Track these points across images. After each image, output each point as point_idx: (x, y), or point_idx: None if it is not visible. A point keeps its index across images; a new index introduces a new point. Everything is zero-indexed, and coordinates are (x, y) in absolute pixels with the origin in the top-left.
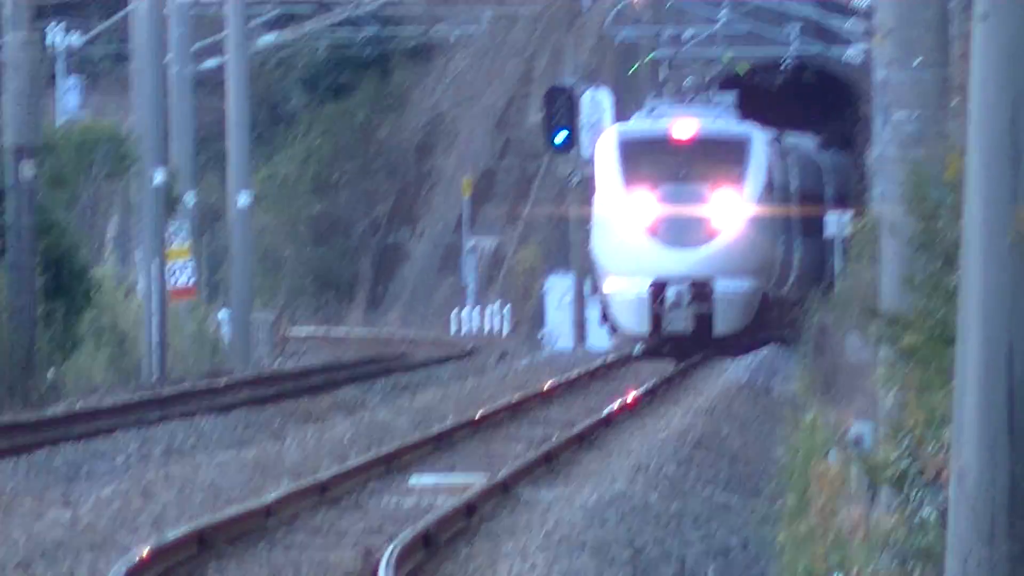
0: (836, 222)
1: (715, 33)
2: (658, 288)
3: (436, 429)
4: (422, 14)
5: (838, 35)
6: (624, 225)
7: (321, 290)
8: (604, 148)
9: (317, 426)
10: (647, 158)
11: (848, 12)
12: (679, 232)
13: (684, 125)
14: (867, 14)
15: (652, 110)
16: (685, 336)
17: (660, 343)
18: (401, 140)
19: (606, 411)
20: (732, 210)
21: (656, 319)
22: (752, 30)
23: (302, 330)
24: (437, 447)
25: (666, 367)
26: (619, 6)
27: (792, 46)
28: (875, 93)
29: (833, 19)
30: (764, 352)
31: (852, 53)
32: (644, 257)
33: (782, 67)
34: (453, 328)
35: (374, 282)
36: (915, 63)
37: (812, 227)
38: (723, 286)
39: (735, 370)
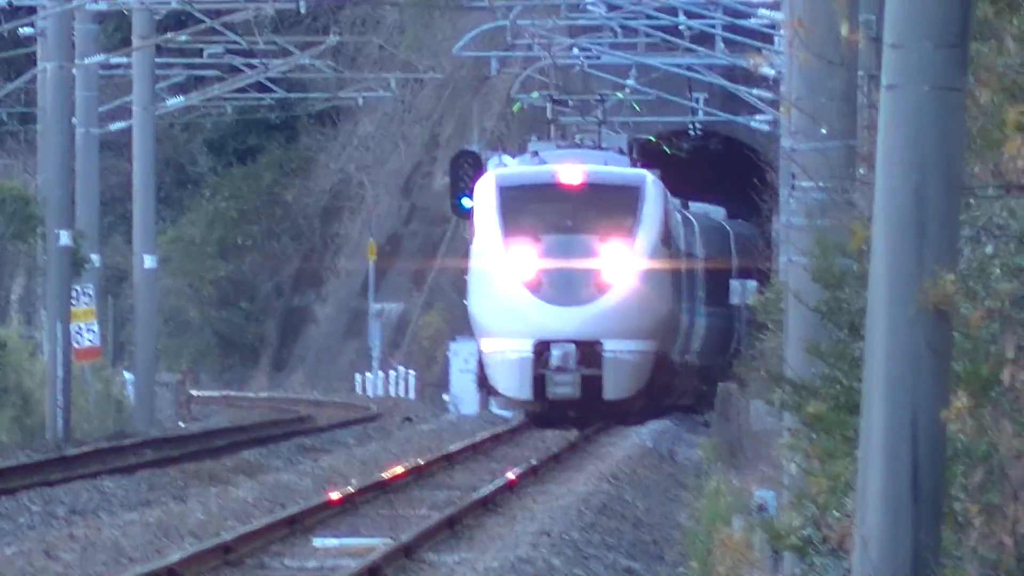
0: (740, 289)
1: (623, 101)
2: (541, 349)
3: (340, 492)
4: (329, 78)
5: (745, 103)
6: (503, 280)
7: (226, 352)
8: (481, 195)
9: (221, 488)
10: (528, 206)
11: (756, 81)
12: (564, 288)
13: (569, 170)
14: (774, 83)
15: (534, 153)
16: (572, 401)
17: (545, 410)
18: (307, 204)
19: (510, 475)
20: (623, 264)
21: (539, 383)
22: (660, 96)
23: (207, 392)
24: (341, 510)
25: (570, 432)
26: (525, 73)
27: (699, 113)
28: (782, 162)
29: (740, 88)
30: (667, 419)
31: (759, 122)
32: (525, 315)
33: (689, 133)
34: (358, 392)
35: (279, 345)
36: (822, 133)
37: (718, 294)
38: (613, 347)
39: (639, 436)
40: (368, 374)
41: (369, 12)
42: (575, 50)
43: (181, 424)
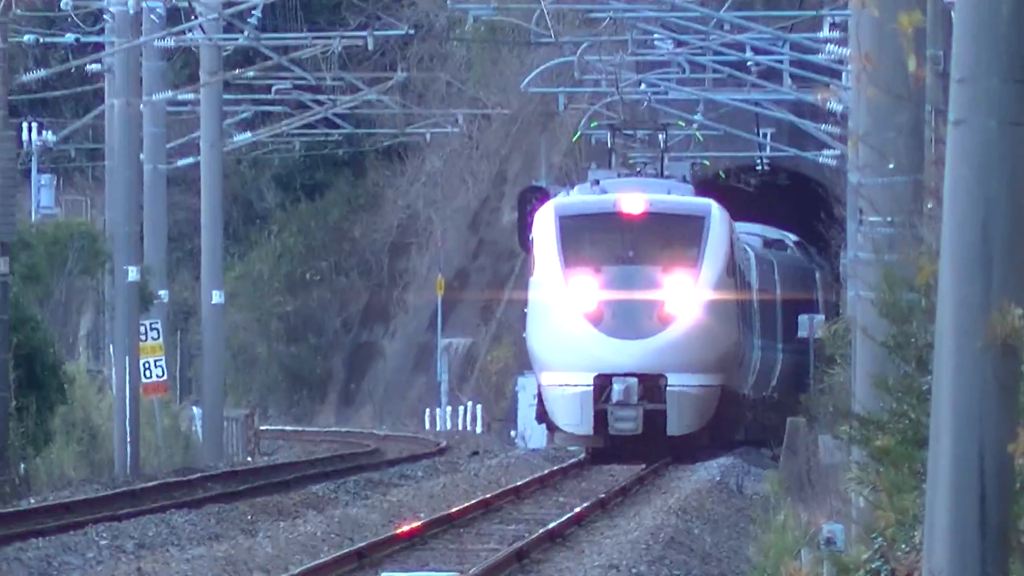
0: (809, 323)
1: (690, 136)
2: (602, 383)
3: (408, 525)
4: (397, 114)
5: (812, 138)
6: (563, 312)
7: (294, 387)
8: (541, 225)
9: (289, 522)
10: (589, 236)
11: (823, 116)
12: (626, 320)
13: (631, 199)
14: (842, 118)
15: (595, 183)
16: (634, 437)
17: (607, 445)
18: (375, 239)
19: (578, 508)
20: (686, 296)
21: (600, 418)
22: (727, 131)
23: (274, 427)
24: (409, 543)
25: (638, 466)
26: (593, 108)
27: (766, 148)
28: (849, 196)
29: (807, 123)
30: (732, 454)
31: (826, 156)
32: (586, 348)
33: (756, 168)
34: (426, 426)
35: (347, 380)
36: (889, 168)
37: (788, 327)
38: (677, 381)
39: (707, 469)
40: (436, 409)
41: (437, 48)
42: (642, 85)
43: (249, 458)
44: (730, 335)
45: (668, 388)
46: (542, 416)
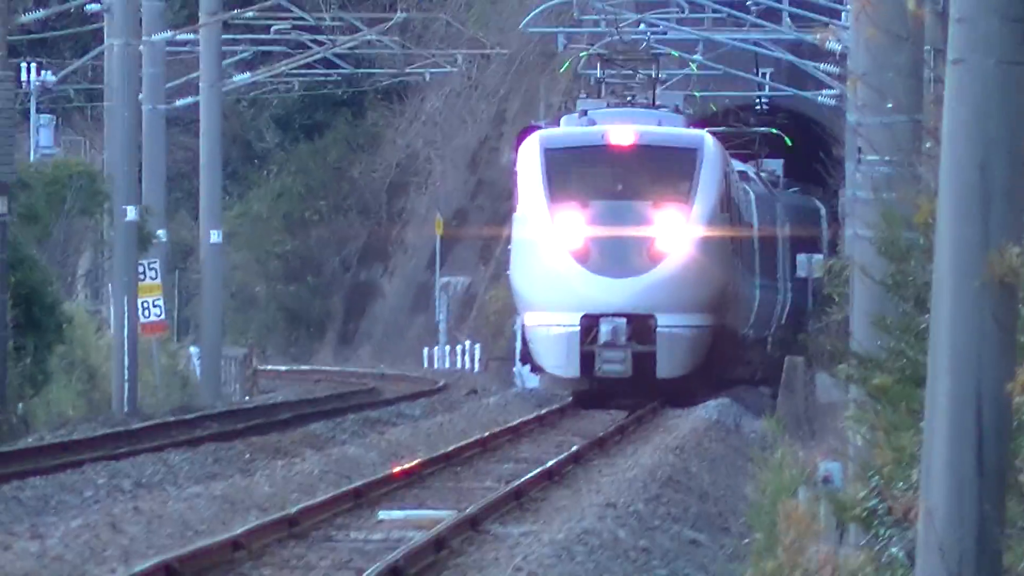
0: (808, 263)
1: (690, 76)
2: (589, 323)
3: (406, 464)
4: (396, 55)
5: (812, 78)
6: (548, 249)
7: (292, 327)
8: (526, 158)
9: (286, 461)
10: (576, 170)
11: (822, 56)
12: (614, 258)
13: (620, 131)
14: (841, 57)
15: (583, 113)
16: (623, 380)
17: (593, 388)
18: (374, 179)
19: (575, 447)
20: (678, 232)
21: (587, 360)
22: (727, 71)
23: (273, 366)
24: (407, 482)
25: (639, 403)
26: (592, 49)
27: (766, 88)
28: (848, 136)
29: (807, 63)
30: (727, 396)
31: (825, 96)
32: (572, 287)
33: (756, 108)
34: (425, 366)
35: (345, 320)
36: (888, 107)
37: (787, 266)
38: (667, 322)
39: (704, 408)
40: (435, 348)
41: None
42: (642, 25)
43: (247, 398)
44: (724, 274)
45: (658, 329)
46: (526, 357)
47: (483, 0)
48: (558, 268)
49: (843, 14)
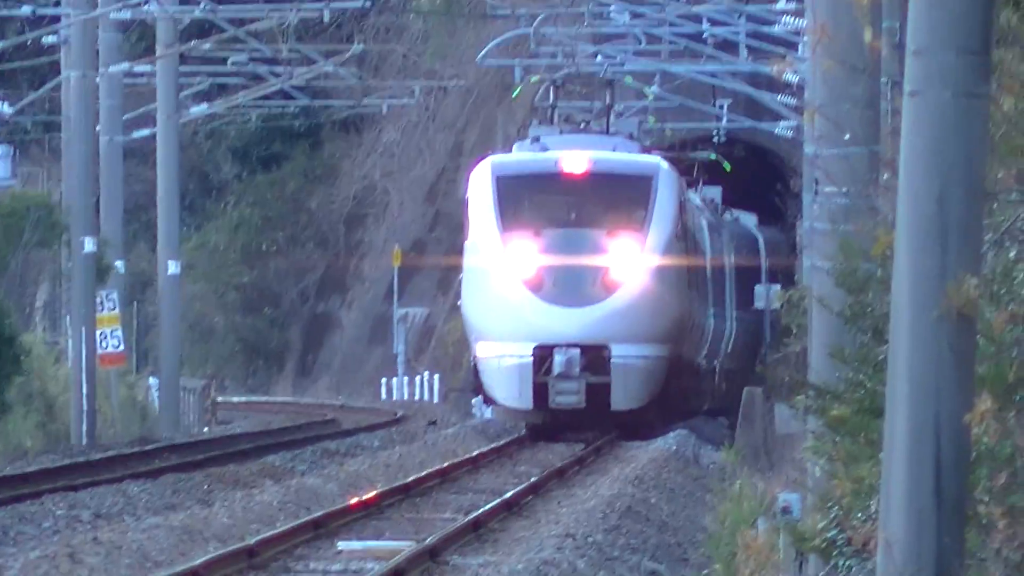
0: (765, 293)
1: (646, 107)
2: (543, 354)
3: (364, 495)
4: (353, 86)
5: (769, 110)
6: (500, 278)
7: (251, 358)
8: (477, 185)
9: (245, 492)
10: (529, 197)
11: (779, 88)
12: (567, 288)
13: (574, 157)
14: (798, 89)
15: (536, 139)
16: (576, 411)
17: (547, 421)
18: (331, 210)
19: (535, 478)
20: (632, 261)
21: (540, 391)
22: (683, 103)
23: (232, 398)
24: (366, 513)
25: (595, 436)
26: (549, 80)
27: (723, 120)
28: (805, 167)
29: (764, 94)
30: (684, 428)
31: (783, 128)
32: (525, 317)
33: (713, 140)
34: (384, 397)
35: (304, 351)
36: (845, 139)
37: (744, 298)
38: (622, 352)
39: (664, 440)
40: (393, 379)
41: (393, 20)
42: (599, 57)
43: (206, 429)
44: (680, 303)
45: (612, 359)
46: (478, 389)
47: (440, 32)
48: (510, 297)
49: (800, 46)
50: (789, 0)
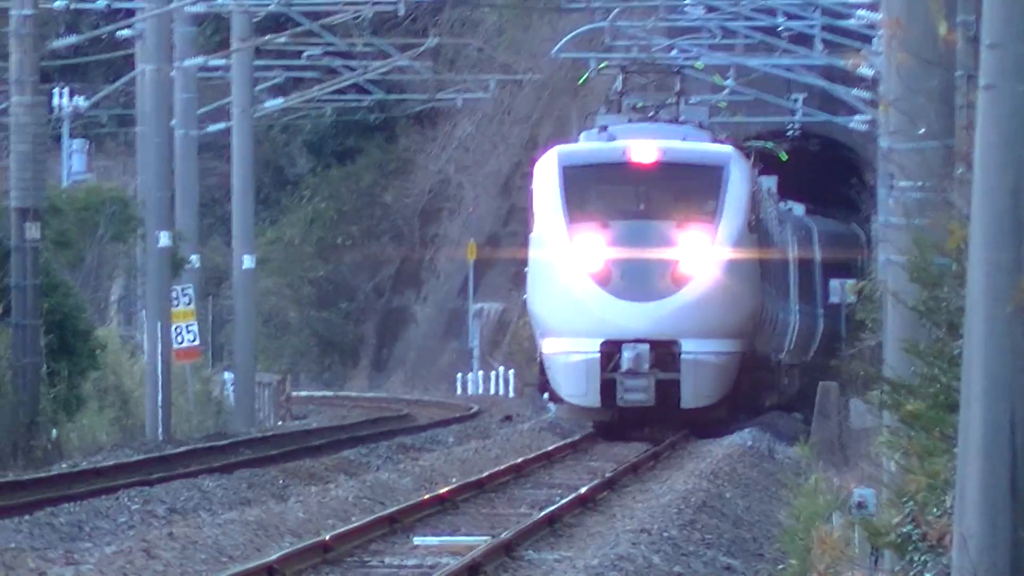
0: (841, 288)
1: (716, 100)
2: (610, 350)
3: (440, 490)
4: (428, 80)
5: (844, 104)
6: (567, 272)
7: (325, 353)
8: (543, 176)
9: (320, 486)
10: (596, 188)
11: (854, 81)
12: (636, 281)
13: (642, 147)
14: (873, 83)
15: (603, 128)
16: (645, 409)
17: (614, 419)
18: (406, 204)
19: (609, 473)
20: (703, 254)
21: (608, 388)
22: (758, 96)
23: (306, 392)
24: (441, 508)
25: (664, 435)
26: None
27: (798, 114)
28: (880, 162)
29: (838, 88)
30: (767, 418)
31: (857, 122)
32: (592, 312)
33: (788, 134)
34: (458, 392)
35: (378, 345)
36: (919, 133)
37: (818, 291)
38: (692, 348)
39: (738, 435)
40: (468, 374)
41: (468, 14)
42: (674, 51)
43: (280, 424)
44: (752, 297)
45: (683, 356)
46: (544, 386)
47: (515, 26)
48: (577, 291)
49: (875, 40)
50: None
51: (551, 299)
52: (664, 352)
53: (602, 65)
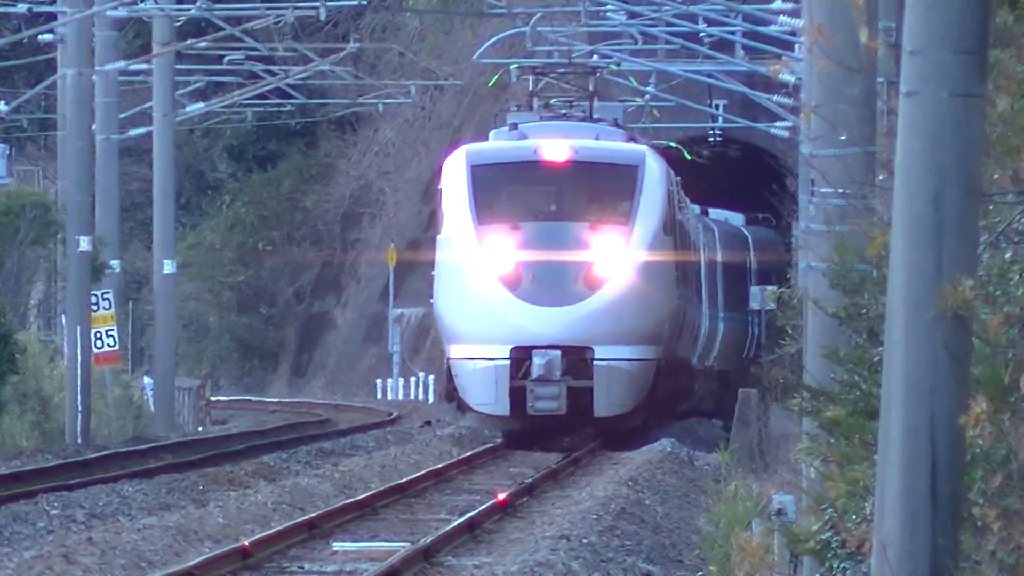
0: (760, 295)
1: (642, 106)
2: (520, 356)
3: (360, 495)
4: (349, 85)
5: (765, 110)
6: (475, 275)
7: (245, 357)
8: (451, 174)
9: (240, 492)
10: (506, 188)
11: (775, 88)
12: (547, 285)
13: (554, 145)
14: (794, 89)
15: (514, 127)
16: (556, 418)
17: (524, 428)
18: (327, 209)
19: (529, 479)
20: (617, 256)
21: (518, 396)
22: (680, 103)
23: (226, 397)
24: (361, 514)
25: (575, 445)
26: (545, 79)
27: (719, 120)
28: (801, 168)
29: (760, 94)
30: (686, 423)
31: (779, 128)
32: (501, 316)
33: (709, 140)
34: (379, 397)
35: (299, 350)
36: (841, 139)
37: (736, 298)
38: (606, 354)
39: (659, 441)
40: (388, 379)
41: (389, 19)
42: (595, 56)
43: (200, 428)
44: (668, 301)
45: (596, 362)
46: (451, 394)
47: (436, 31)
48: (486, 295)
49: (796, 46)
50: (785, 0)
51: (459, 303)
52: (576, 359)
53: (513, 66)
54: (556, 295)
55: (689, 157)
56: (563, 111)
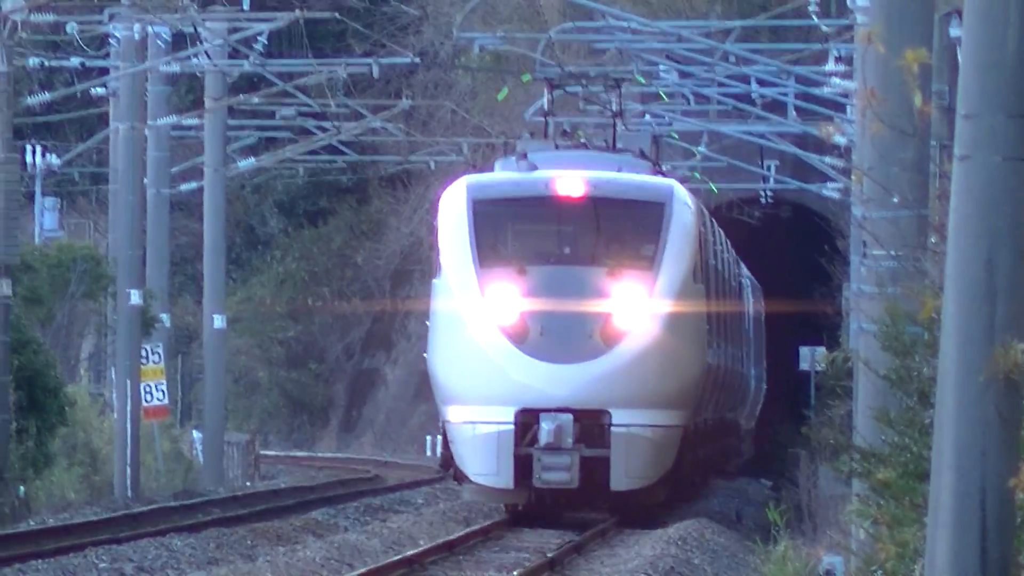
0: (810, 355)
1: (694, 166)
2: (526, 420)
3: (408, 552)
4: (401, 142)
5: (816, 171)
6: (476, 327)
7: (295, 413)
8: (449, 211)
9: (288, 547)
10: (512, 227)
11: (827, 149)
12: (558, 339)
13: (569, 179)
14: (845, 151)
15: (523, 156)
16: (567, 492)
17: (531, 502)
18: (377, 266)
19: (577, 538)
20: (639, 307)
21: (523, 466)
22: (731, 163)
23: (275, 452)
24: (410, 570)
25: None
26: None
27: (770, 181)
28: (853, 230)
29: (812, 156)
30: (737, 482)
31: (830, 189)
32: (505, 375)
33: (760, 201)
34: (428, 454)
35: (348, 407)
36: (893, 202)
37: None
38: (625, 420)
39: (706, 499)
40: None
41: (442, 76)
42: (647, 116)
43: (249, 483)
44: (698, 359)
45: (613, 429)
46: (448, 461)
47: (488, 89)
48: (487, 350)
49: (848, 108)
50: (838, 62)
51: (457, 359)
52: (591, 424)
53: (524, 77)
54: (568, 351)
55: (716, 191)
56: (582, 139)
